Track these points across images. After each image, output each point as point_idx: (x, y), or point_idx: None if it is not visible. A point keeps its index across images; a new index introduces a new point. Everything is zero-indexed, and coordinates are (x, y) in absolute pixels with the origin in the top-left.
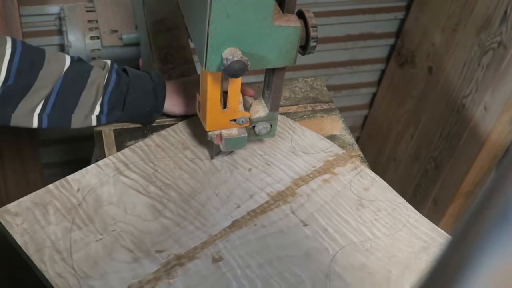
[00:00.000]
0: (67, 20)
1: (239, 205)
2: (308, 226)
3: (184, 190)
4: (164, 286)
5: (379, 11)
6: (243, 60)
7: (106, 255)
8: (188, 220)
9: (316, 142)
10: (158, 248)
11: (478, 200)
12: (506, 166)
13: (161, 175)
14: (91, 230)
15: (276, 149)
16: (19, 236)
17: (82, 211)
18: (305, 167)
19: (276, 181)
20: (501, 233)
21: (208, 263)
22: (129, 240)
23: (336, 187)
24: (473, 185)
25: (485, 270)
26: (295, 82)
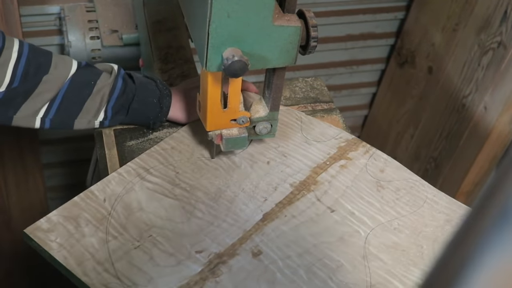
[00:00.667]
0: (67, 20)
1: (266, 198)
2: (335, 211)
3: (209, 189)
4: (212, 285)
5: (379, 11)
6: (244, 60)
7: (148, 261)
8: (220, 218)
9: (325, 129)
10: (197, 249)
11: (478, 200)
12: (506, 166)
13: (183, 176)
14: (126, 238)
15: (289, 140)
16: (56, 252)
17: (113, 220)
18: (320, 155)
19: (296, 172)
20: (501, 233)
21: (249, 258)
22: (167, 244)
23: (354, 172)
24: (473, 185)
25: (485, 270)
26: (295, 82)
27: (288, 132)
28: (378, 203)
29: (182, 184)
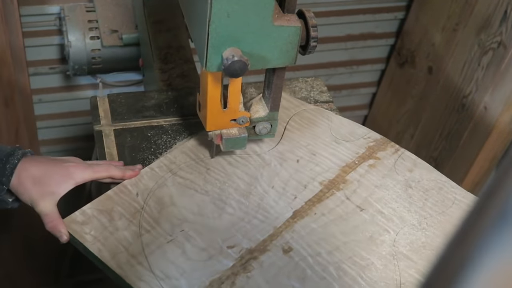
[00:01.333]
0: (67, 20)
1: (296, 196)
2: (364, 210)
3: (240, 186)
4: (244, 280)
5: (379, 11)
6: (243, 60)
7: (180, 255)
8: (251, 214)
9: (354, 129)
10: (229, 244)
11: (478, 200)
12: (506, 166)
13: (214, 173)
14: (159, 232)
15: (318, 139)
16: (91, 244)
17: (146, 214)
18: (349, 154)
19: (325, 170)
20: (501, 233)
21: (280, 254)
22: (199, 239)
23: (382, 171)
24: (473, 185)
25: (485, 270)
26: (295, 82)
27: (317, 131)
28: (407, 203)
29: (212, 180)
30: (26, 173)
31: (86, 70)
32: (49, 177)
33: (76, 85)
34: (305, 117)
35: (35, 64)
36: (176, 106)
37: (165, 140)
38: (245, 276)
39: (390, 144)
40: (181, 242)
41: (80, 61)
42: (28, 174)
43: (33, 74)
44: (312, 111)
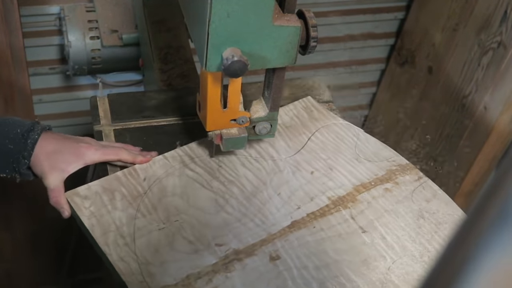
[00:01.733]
0: (67, 20)
1: (300, 206)
2: (367, 233)
3: (246, 188)
4: (221, 279)
5: (379, 11)
6: (243, 60)
7: (167, 244)
8: (249, 217)
9: (380, 150)
10: (218, 242)
11: (478, 200)
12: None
13: (225, 171)
14: (154, 218)
15: (340, 154)
16: (86, 218)
17: (147, 199)
18: (367, 174)
19: (338, 186)
20: (501, 233)
21: (265, 261)
22: (190, 232)
23: (397, 197)
24: (473, 185)
25: (485, 270)
26: (295, 82)
27: (341, 146)
28: (414, 233)
29: (221, 178)
30: (42, 148)
31: (86, 70)
32: (61, 154)
33: (76, 85)
34: (333, 130)
35: (35, 64)
36: (176, 106)
37: (164, 140)
38: (224, 275)
39: (414, 171)
40: (172, 232)
41: (80, 61)
42: (43, 149)
43: (33, 74)
44: (342, 126)
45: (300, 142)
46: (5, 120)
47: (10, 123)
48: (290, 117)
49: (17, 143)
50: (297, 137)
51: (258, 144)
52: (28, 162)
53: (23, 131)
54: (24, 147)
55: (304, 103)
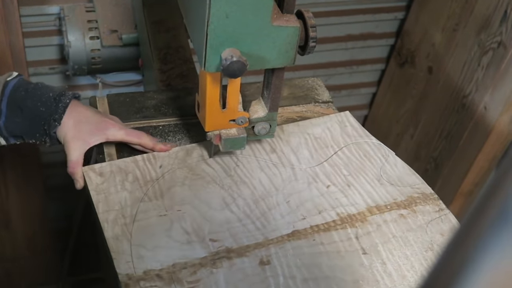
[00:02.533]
0: (67, 20)
1: (305, 217)
2: (367, 255)
3: (257, 190)
4: (206, 273)
5: (379, 11)
6: (242, 60)
7: (164, 231)
8: (251, 219)
9: (406, 175)
10: (213, 237)
11: (478, 200)
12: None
13: (241, 171)
14: (159, 204)
15: (362, 172)
16: (95, 193)
17: (157, 185)
18: (385, 197)
19: (351, 204)
20: (501, 233)
21: (254, 264)
22: (190, 223)
23: (411, 224)
24: (473, 185)
25: (485, 270)
26: (295, 82)
27: (367, 165)
28: (417, 264)
29: (235, 177)
30: (70, 114)
31: (85, 70)
32: (87, 125)
33: (76, 85)
34: (362, 148)
35: (35, 64)
36: (175, 106)
37: (164, 141)
38: (209, 270)
39: (437, 202)
40: (172, 220)
41: (80, 61)
42: (71, 115)
43: (33, 74)
44: (373, 145)
45: (324, 155)
46: (37, 85)
47: (41, 87)
48: (322, 129)
49: (49, 106)
50: (323, 149)
51: (282, 150)
52: (59, 125)
53: (55, 95)
54: (56, 110)
55: (340, 117)
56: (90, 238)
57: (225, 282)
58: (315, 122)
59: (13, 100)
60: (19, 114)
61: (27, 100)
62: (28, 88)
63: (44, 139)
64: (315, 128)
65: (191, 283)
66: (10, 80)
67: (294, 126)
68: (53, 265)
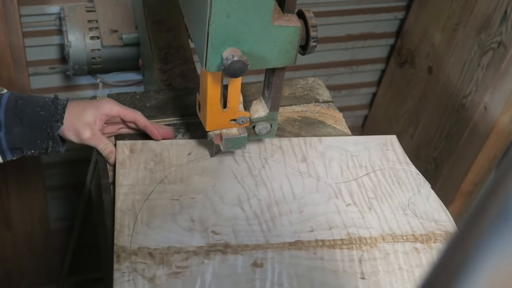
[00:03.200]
0: (67, 20)
1: (313, 230)
2: (364, 280)
3: (275, 195)
4: (196, 262)
5: (379, 11)
6: (243, 60)
7: (171, 214)
8: (259, 220)
9: (434, 210)
10: (216, 230)
11: (478, 200)
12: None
13: (265, 173)
14: (175, 189)
15: (389, 198)
16: (120, 166)
17: (180, 171)
18: (404, 228)
19: (366, 227)
20: (501, 233)
21: (247, 263)
22: (198, 212)
23: (422, 260)
24: (473, 185)
25: (485, 270)
26: (295, 82)
27: (396, 192)
28: None
29: (257, 177)
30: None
31: (86, 70)
32: (85, 110)
33: (76, 85)
34: (397, 175)
35: (35, 64)
36: (176, 106)
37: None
38: (201, 259)
39: None
40: (182, 206)
41: (80, 61)
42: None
43: (33, 74)
44: (409, 173)
45: (355, 174)
46: (30, 95)
47: (35, 95)
48: (361, 148)
49: (48, 108)
50: (356, 168)
51: (313, 161)
52: (61, 125)
53: (51, 99)
54: (56, 110)
55: (385, 139)
56: (90, 238)
57: (212, 274)
58: (357, 139)
59: (10, 109)
60: (18, 123)
61: (25, 107)
62: (23, 97)
63: (47, 143)
64: (354, 146)
65: (179, 268)
66: (2, 94)
67: (333, 140)
68: (53, 265)
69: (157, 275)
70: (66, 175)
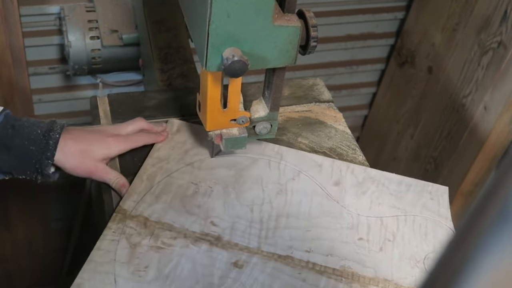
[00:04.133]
0: (67, 20)
1: (310, 251)
2: None
3: (290, 208)
4: (181, 244)
5: (379, 11)
6: (243, 60)
7: (182, 196)
8: (261, 226)
9: None
10: (215, 222)
11: (478, 200)
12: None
13: (291, 185)
14: (198, 174)
15: (407, 244)
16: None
17: (211, 160)
18: (410, 280)
19: (366, 265)
20: (501, 233)
21: (228, 261)
22: (208, 201)
23: None
24: (473, 185)
25: (485, 270)
26: (295, 82)
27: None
28: None
29: (282, 186)
30: (69, 147)
31: (86, 70)
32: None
33: (76, 85)
34: (429, 226)
35: (35, 64)
36: (176, 106)
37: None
38: (186, 244)
39: None
40: (197, 191)
41: (80, 61)
42: (70, 148)
43: (33, 74)
44: (444, 229)
45: (383, 212)
46: (22, 123)
47: (28, 125)
48: (406, 188)
49: (39, 144)
50: (388, 207)
51: (345, 187)
52: (51, 162)
53: (43, 131)
54: (47, 147)
55: (435, 188)
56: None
57: (190, 260)
58: (403, 180)
59: (0, 138)
60: (6, 153)
61: (14, 138)
62: (14, 125)
63: (35, 176)
64: (397, 185)
65: (163, 244)
66: None
67: (378, 173)
68: (53, 265)
69: (141, 244)
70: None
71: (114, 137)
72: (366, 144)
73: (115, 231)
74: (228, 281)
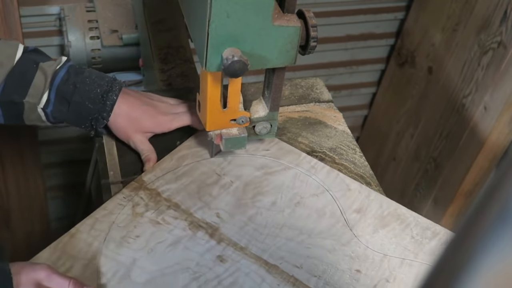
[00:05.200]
0: (67, 20)
1: (300, 267)
2: None
3: (300, 221)
4: (179, 226)
5: (379, 11)
6: (243, 60)
7: (201, 182)
8: (262, 231)
9: None
10: (220, 214)
11: (478, 200)
12: (506, 166)
13: (311, 200)
14: (225, 167)
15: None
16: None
17: (243, 158)
18: None
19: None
20: (501, 233)
21: (213, 253)
22: (222, 192)
23: None
24: (473, 185)
25: (485, 270)
26: (295, 82)
27: None
28: None
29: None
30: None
31: None
32: (141, 121)
33: None
34: None
35: None
36: None
37: (164, 140)
38: (184, 227)
39: None
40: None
41: (80, 61)
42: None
43: None
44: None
45: (392, 250)
46: (84, 79)
47: (89, 82)
48: (431, 236)
49: (97, 103)
50: (403, 249)
51: (367, 217)
52: (107, 122)
53: (103, 91)
54: (103, 107)
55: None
56: None
57: (179, 240)
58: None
59: (61, 92)
60: (66, 106)
61: (74, 95)
62: (76, 82)
63: (89, 130)
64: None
65: (163, 221)
66: (59, 69)
67: (407, 212)
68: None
69: (143, 215)
70: (66, 175)
71: (165, 116)
72: (366, 144)
73: (125, 197)
74: (205, 271)
